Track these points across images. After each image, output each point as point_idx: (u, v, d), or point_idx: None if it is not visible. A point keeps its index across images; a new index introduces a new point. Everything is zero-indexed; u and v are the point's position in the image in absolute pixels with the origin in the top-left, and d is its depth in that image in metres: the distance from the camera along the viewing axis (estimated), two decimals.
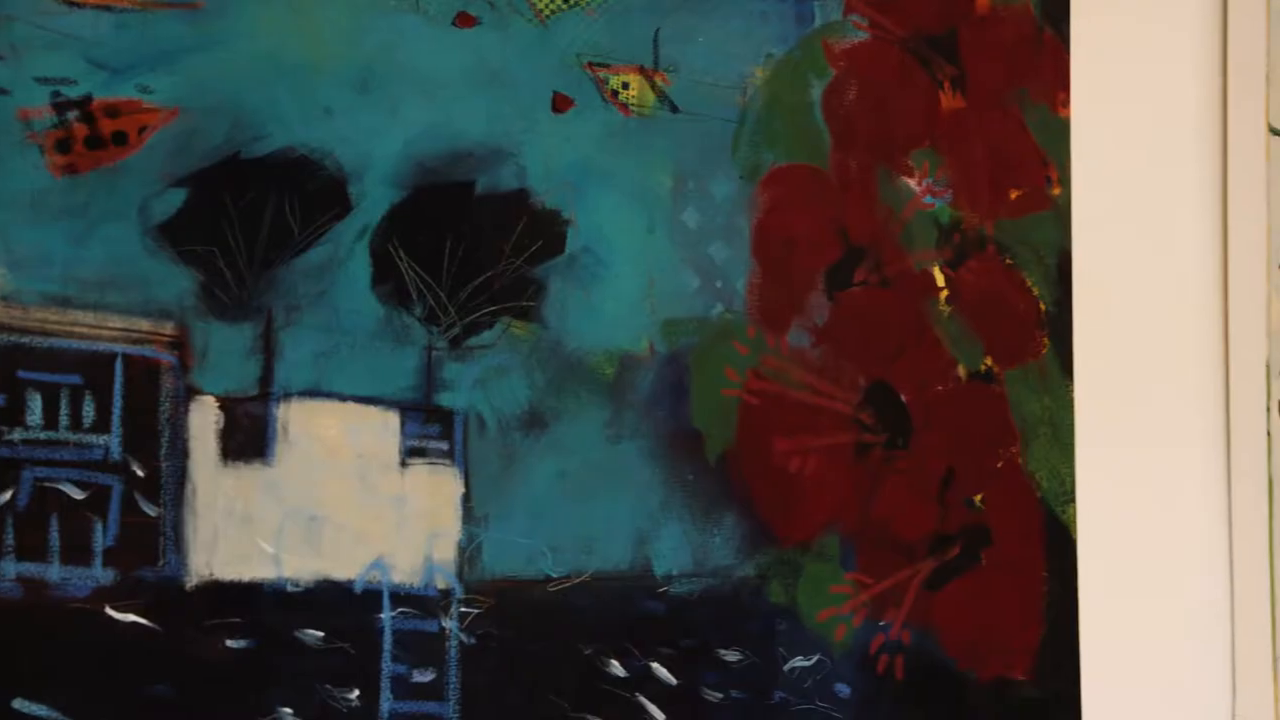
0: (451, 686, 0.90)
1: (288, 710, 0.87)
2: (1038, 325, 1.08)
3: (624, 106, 0.97)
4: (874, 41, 1.04)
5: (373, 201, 0.91)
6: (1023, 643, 1.05)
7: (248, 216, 0.89)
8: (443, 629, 0.90)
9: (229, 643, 0.87)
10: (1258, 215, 1.15)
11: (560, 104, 0.95)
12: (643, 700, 0.93)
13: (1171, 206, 1.17)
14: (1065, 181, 1.10)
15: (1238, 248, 1.17)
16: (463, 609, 0.91)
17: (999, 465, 1.06)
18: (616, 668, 0.93)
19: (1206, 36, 1.20)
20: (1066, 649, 1.07)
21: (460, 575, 0.91)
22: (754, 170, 1.00)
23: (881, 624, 1.01)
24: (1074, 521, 1.08)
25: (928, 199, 1.05)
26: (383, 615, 0.89)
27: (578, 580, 0.93)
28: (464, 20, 0.93)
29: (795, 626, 0.99)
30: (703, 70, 0.99)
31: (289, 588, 0.88)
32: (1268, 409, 1.13)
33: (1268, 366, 1.13)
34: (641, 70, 0.97)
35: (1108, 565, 1.12)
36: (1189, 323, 1.17)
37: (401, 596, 0.90)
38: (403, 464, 0.91)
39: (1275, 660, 1.11)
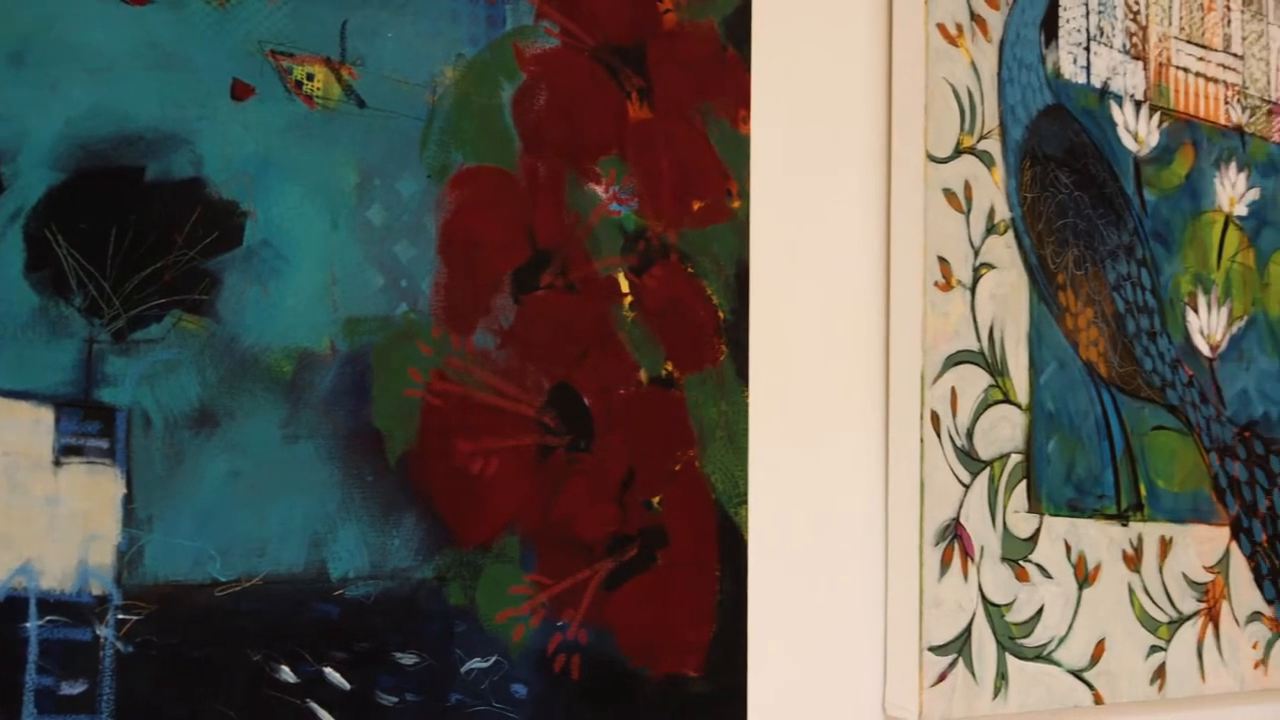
0: (105, 698, 0.85)
1: None
2: (716, 333, 1.12)
3: (308, 99, 0.94)
4: (564, 48, 1.05)
5: (28, 183, 0.85)
6: (695, 640, 1.09)
7: None
8: (97, 637, 0.85)
9: None
10: (916, 236, 1.23)
11: (240, 92, 0.92)
12: (313, 706, 0.91)
13: (841, 224, 1.24)
14: (745, 195, 1.14)
15: (899, 266, 1.25)
16: (120, 616, 0.86)
17: (677, 468, 1.09)
18: (286, 673, 0.90)
19: (874, 68, 1.27)
20: (735, 645, 1.11)
21: (119, 580, 0.86)
22: (442, 170, 1.00)
23: (559, 624, 1.02)
24: (746, 522, 1.12)
25: (614, 206, 1.08)
26: (28, 624, 0.83)
27: (248, 584, 0.90)
28: None
29: (474, 628, 0.98)
30: (392, 66, 0.98)
31: None
32: (921, 417, 1.21)
33: (922, 377, 1.21)
34: (327, 62, 0.95)
35: (776, 564, 1.17)
36: (855, 335, 1.24)
37: (51, 603, 0.84)
38: (56, 463, 0.85)
39: (920, 653, 1.19)
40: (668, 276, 1.10)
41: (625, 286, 1.08)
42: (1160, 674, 1.36)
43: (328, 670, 0.92)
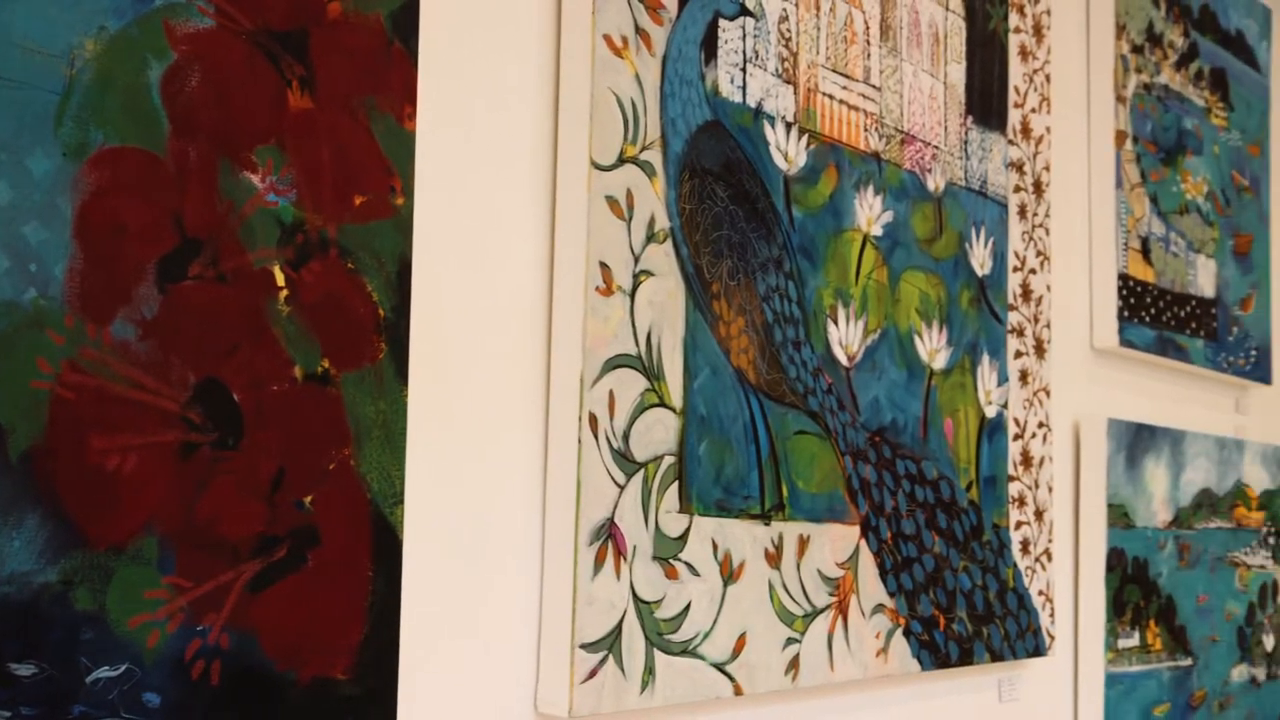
0: None
1: None
2: (376, 330, 1.11)
3: None
4: (220, 30, 1.01)
5: None
6: (344, 642, 1.07)
7: None
8: None
9: None
10: (579, 241, 1.25)
11: None
12: None
13: (507, 227, 1.25)
14: (409, 192, 1.13)
15: (561, 269, 1.27)
16: None
17: (331, 467, 1.07)
18: None
19: (542, 74, 1.29)
20: (386, 646, 1.10)
21: None
22: (80, 149, 0.93)
23: (200, 629, 0.98)
24: (402, 522, 1.11)
25: (271, 197, 1.04)
26: None
27: None
28: None
29: (103, 634, 0.93)
30: (22, 33, 0.91)
31: None
32: (580, 419, 1.23)
33: (581, 380, 1.24)
34: None
35: (432, 564, 1.17)
36: (517, 336, 1.25)
37: None
38: None
39: (572, 651, 1.21)
40: (326, 271, 1.07)
41: (281, 280, 1.05)
42: (795, 664, 1.45)
43: None
